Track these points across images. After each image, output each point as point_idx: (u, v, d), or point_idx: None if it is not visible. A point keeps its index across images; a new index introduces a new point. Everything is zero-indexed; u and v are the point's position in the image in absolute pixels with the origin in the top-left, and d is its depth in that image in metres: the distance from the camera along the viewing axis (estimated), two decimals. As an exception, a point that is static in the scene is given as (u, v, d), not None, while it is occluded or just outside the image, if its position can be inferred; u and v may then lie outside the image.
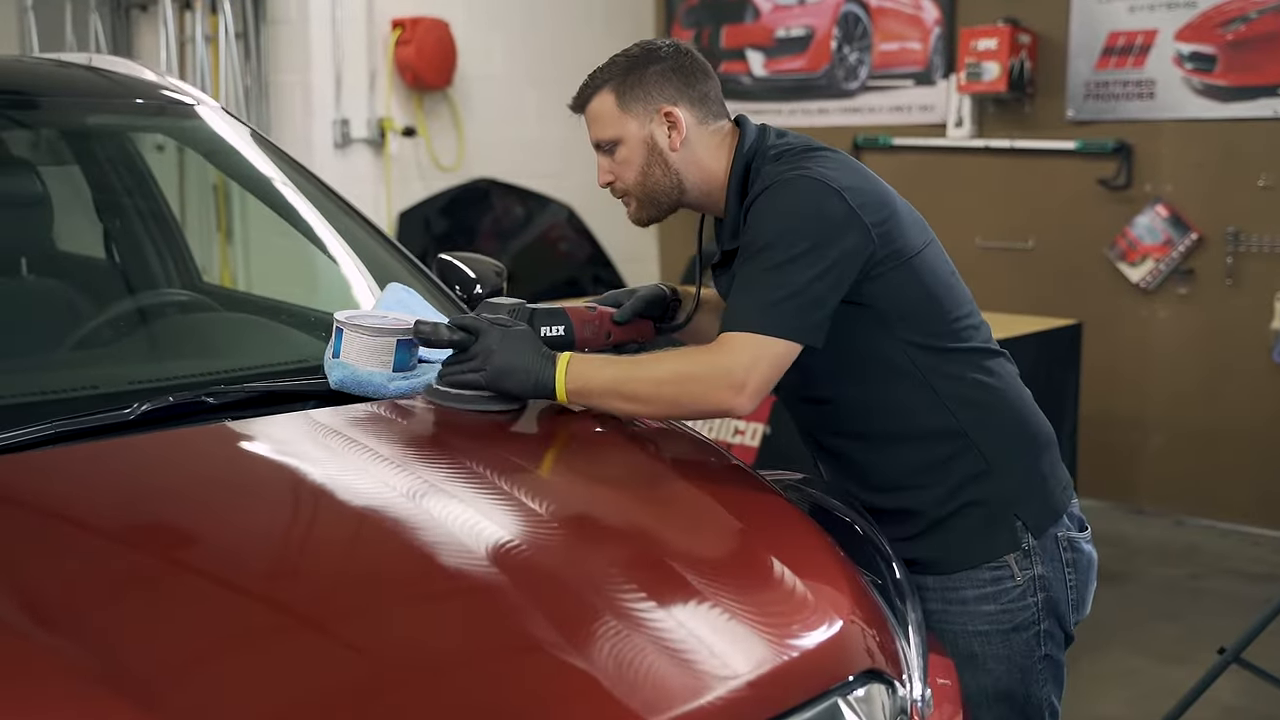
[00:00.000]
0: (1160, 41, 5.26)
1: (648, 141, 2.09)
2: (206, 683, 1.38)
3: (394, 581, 1.58)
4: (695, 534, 1.84)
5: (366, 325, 2.13)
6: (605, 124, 2.11)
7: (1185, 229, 5.31)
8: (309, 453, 1.89)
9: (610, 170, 2.13)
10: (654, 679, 1.52)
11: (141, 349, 2.39)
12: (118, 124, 2.82)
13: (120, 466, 1.76)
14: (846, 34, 6.11)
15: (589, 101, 2.13)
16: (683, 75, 2.10)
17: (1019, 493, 2.07)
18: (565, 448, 2.06)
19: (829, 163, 2.01)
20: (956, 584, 2.07)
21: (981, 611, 2.06)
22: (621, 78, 2.10)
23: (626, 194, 2.15)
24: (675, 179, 2.11)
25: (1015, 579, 2.05)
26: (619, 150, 2.10)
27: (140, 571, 1.52)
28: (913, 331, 2.02)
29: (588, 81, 2.14)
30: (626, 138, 2.09)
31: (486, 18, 5.99)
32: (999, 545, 2.05)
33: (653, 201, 2.14)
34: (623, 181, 2.13)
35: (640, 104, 2.09)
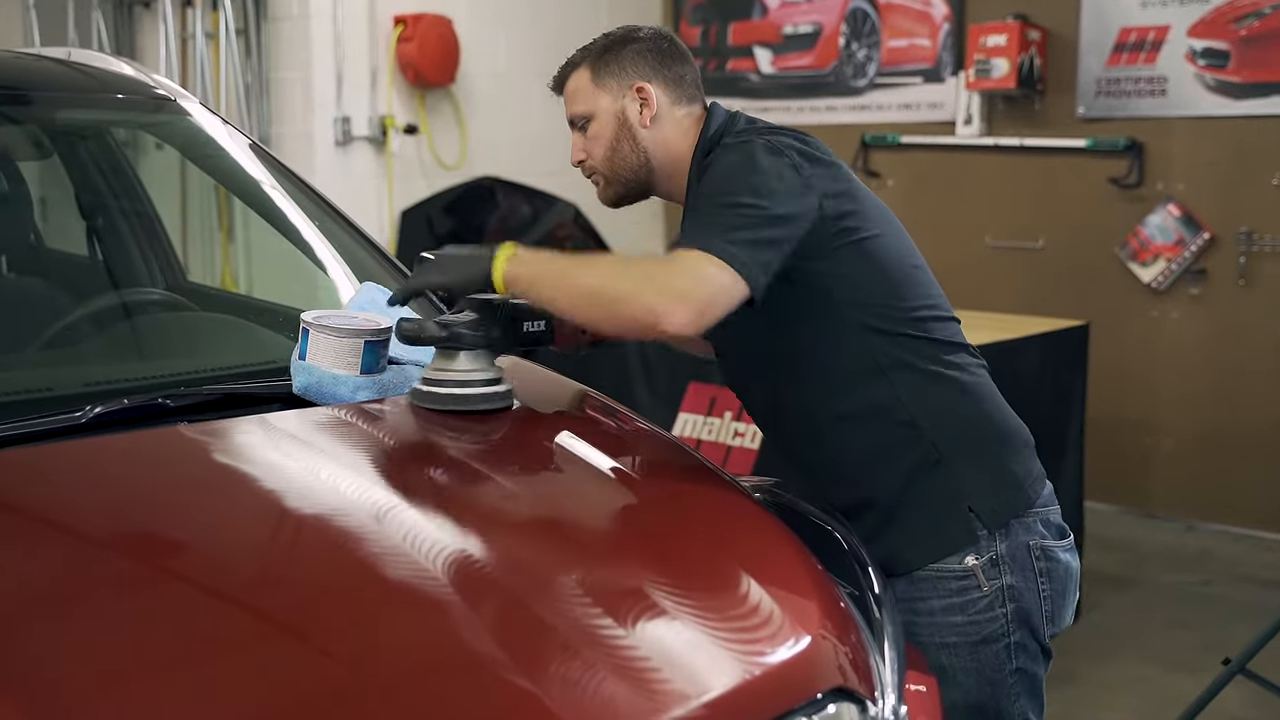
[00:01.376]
0: (1172, 37, 5.17)
1: (619, 116, 2.10)
2: (129, 696, 1.33)
3: (334, 595, 1.52)
4: (659, 544, 1.77)
5: (333, 326, 2.07)
6: (579, 99, 2.13)
7: (1197, 228, 5.22)
8: (260, 458, 1.84)
9: (583, 148, 2.14)
10: (610, 698, 1.46)
11: (109, 349, 2.34)
12: (94, 119, 2.77)
13: (64, 471, 1.71)
14: (854, 31, 6.04)
15: (566, 80, 2.16)
16: (659, 55, 2.12)
17: (972, 485, 2.00)
18: (529, 454, 1.99)
19: (789, 135, 2.01)
20: (923, 593, 2.02)
21: (949, 623, 2.01)
22: (598, 55, 2.13)
23: (595, 171, 2.15)
24: (643, 157, 2.11)
25: (982, 589, 1.99)
26: (591, 125, 2.12)
27: (62, 578, 1.47)
28: (864, 314, 1.98)
29: (566, 62, 2.17)
30: (598, 112, 2.11)
31: (489, 14, 5.94)
32: (952, 539, 2.00)
33: (620, 179, 2.13)
34: (592, 158, 2.13)
35: (614, 79, 2.11)
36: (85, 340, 2.32)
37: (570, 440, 2.06)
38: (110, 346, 2.34)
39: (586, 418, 2.25)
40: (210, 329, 2.52)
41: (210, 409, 1.94)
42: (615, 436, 2.17)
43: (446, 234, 5.82)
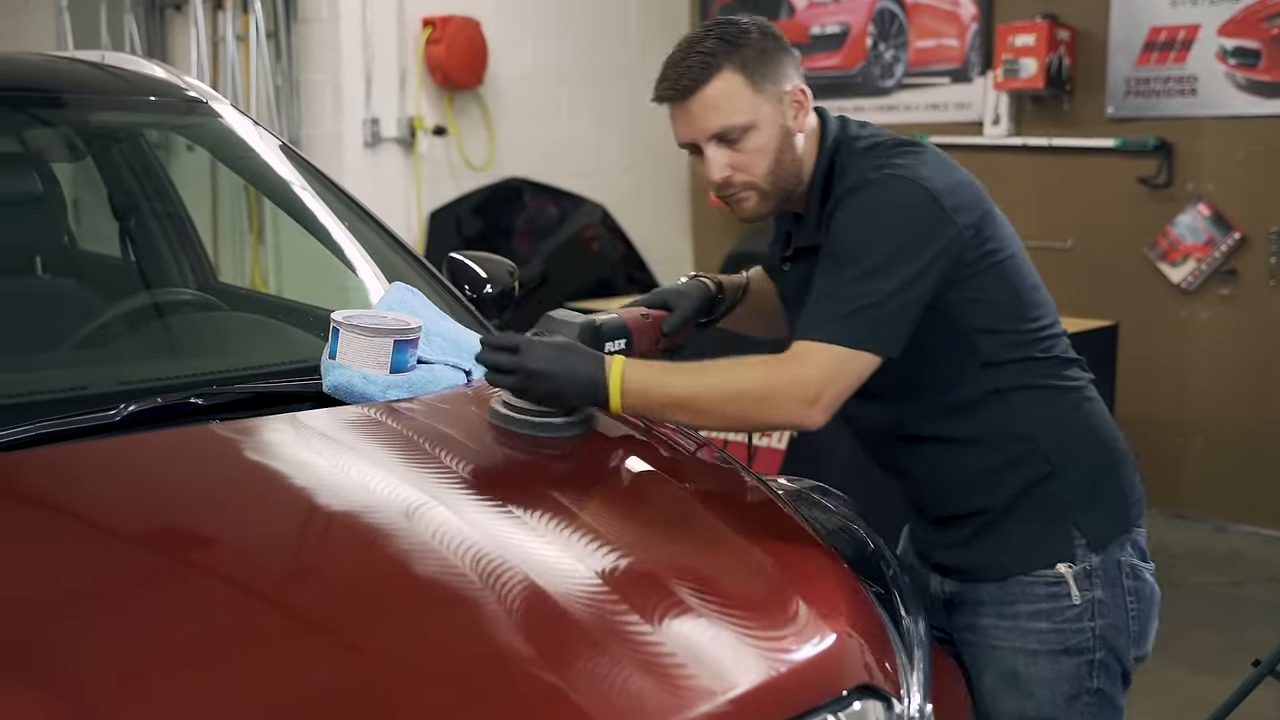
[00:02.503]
0: (1203, 36, 5.14)
1: (781, 124, 1.89)
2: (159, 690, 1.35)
3: (364, 592, 1.54)
4: (686, 544, 1.78)
5: (363, 326, 2.09)
6: (735, 108, 1.87)
7: (1228, 228, 5.19)
8: (291, 456, 1.86)
9: (731, 164, 1.90)
10: (637, 694, 1.47)
11: (141, 348, 2.36)
12: (126, 121, 2.80)
13: (98, 469, 1.73)
14: (882, 31, 6.03)
15: (706, 84, 1.87)
16: (791, 52, 1.94)
17: (1079, 500, 1.95)
18: (554, 452, 2.00)
19: (921, 160, 1.87)
20: (1012, 596, 1.95)
21: (1033, 628, 1.94)
22: (743, 54, 1.87)
23: (749, 188, 1.92)
24: (799, 166, 1.93)
25: (1073, 599, 1.93)
26: (750, 138, 1.88)
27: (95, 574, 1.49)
28: (993, 337, 1.91)
29: (689, 60, 1.88)
30: (761, 122, 1.87)
31: (518, 16, 5.95)
32: (1052, 551, 1.94)
33: (779, 193, 1.94)
34: (748, 174, 1.91)
35: (772, 83, 1.88)
36: (118, 340, 2.35)
37: (601, 441, 2.07)
38: (143, 346, 2.37)
39: (614, 416, 2.26)
40: (241, 329, 2.54)
41: (242, 408, 1.96)
42: (640, 435, 2.18)
43: (475, 235, 5.84)
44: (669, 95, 1.90)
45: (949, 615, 2.05)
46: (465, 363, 2.24)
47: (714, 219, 6.69)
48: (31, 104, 2.59)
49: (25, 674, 1.34)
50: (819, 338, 1.80)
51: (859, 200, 1.85)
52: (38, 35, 6.30)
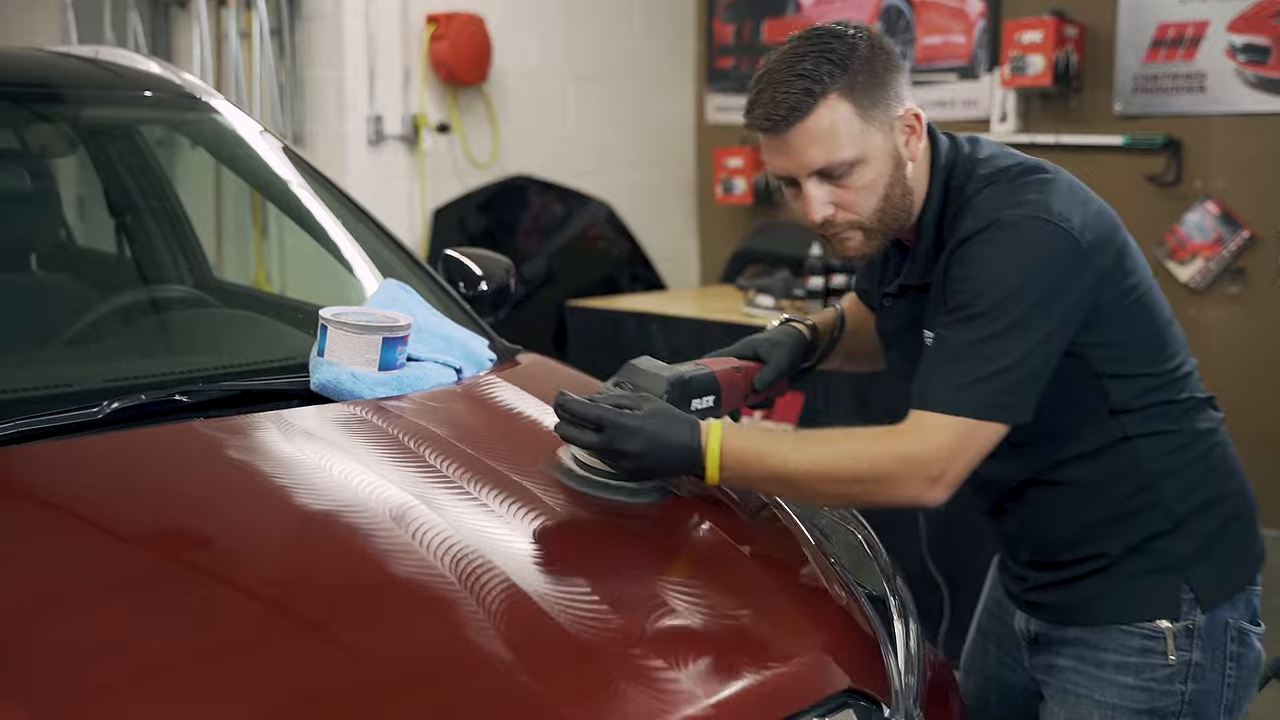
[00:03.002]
0: (1211, 33, 5.09)
1: (892, 155, 1.69)
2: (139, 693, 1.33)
3: (344, 592, 1.51)
4: (671, 545, 1.76)
5: (351, 323, 2.07)
6: (841, 141, 1.65)
7: (1237, 227, 5.15)
8: (274, 454, 1.83)
9: (834, 201, 1.70)
10: (619, 698, 1.45)
11: (130, 345, 2.35)
12: (119, 116, 2.78)
13: (77, 466, 1.71)
14: (888, 27, 5.99)
15: (806, 114, 1.64)
16: (901, 67, 1.71)
17: (1196, 556, 1.78)
18: (542, 447, 1.97)
19: (1053, 191, 1.67)
20: (1100, 642, 1.79)
21: (1116, 681, 1.78)
22: (852, 78, 1.65)
23: (854, 227, 1.72)
24: (909, 200, 1.73)
25: (1168, 657, 1.75)
26: (857, 173, 1.67)
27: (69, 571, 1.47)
28: (1125, 382, 1.74)
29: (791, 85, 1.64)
30: (870, 155, 1.67)
31: (522, 13, 5.93)
32: (1157, 604, 1.77)
33: (888, 231, 1.74)
34: (854, 212, 1.70)
35: (882, 109, 1.67)
36: (107, 336, 2.34)
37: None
38: (131, 342, 2.35)
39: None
40: (231, 325, 2.53)
41: (229, 405, 1.94)
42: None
43: (479, 233, 5.82)
44: (764, 126, 1.68)
45: (1031, 654, 1.92)
46: (456, 360, 2.22)
47: (720, 217, 6.66)
48: (23, 99, 2.57)
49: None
50: (944, 408, 1.62)
51: (990, 245, 1.64)
52: (42, 33, 6.30)
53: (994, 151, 1.77)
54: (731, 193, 6.37)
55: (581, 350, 5.30)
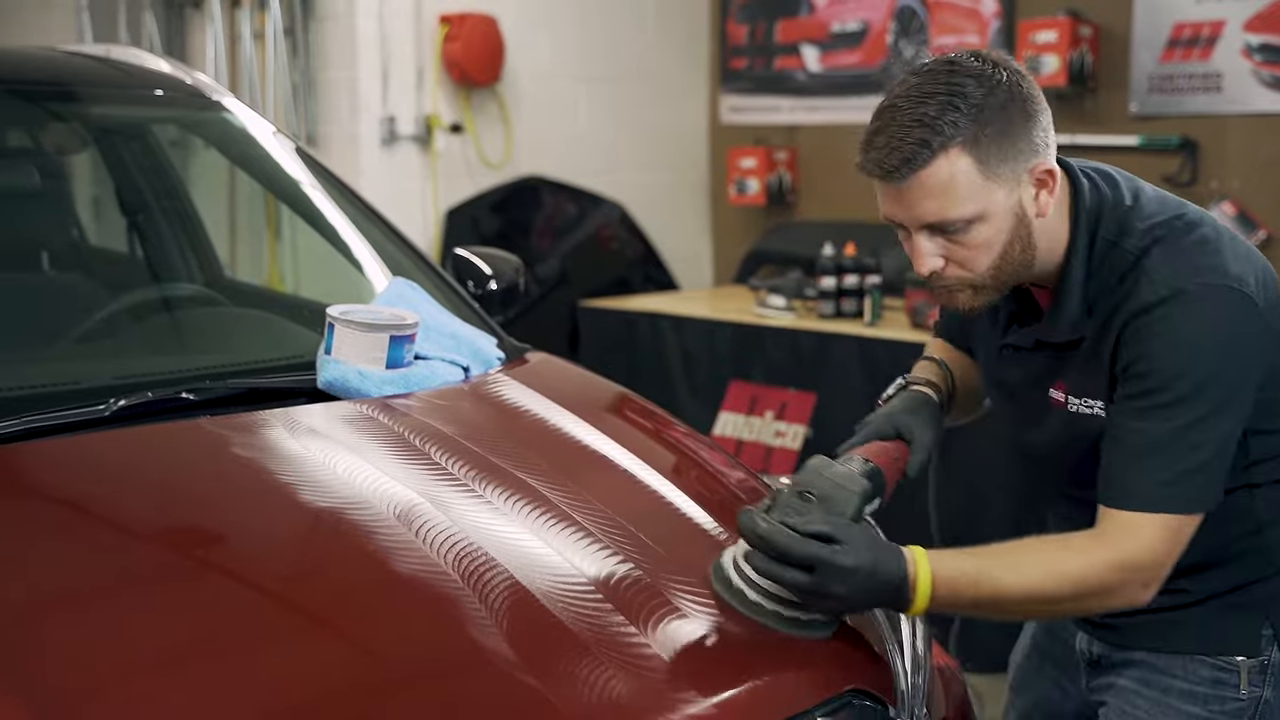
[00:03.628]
0: (1228, 33, 5.06)
1: (1016, 212, 1.55)
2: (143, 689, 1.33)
3: (346, 589, 1.51)
4: (678, 544, 1.75)
5: (358, 321, 2.07)
6: (959, 197, 1.52)
7: (1253, 227, 5.12)
8: (280, 451, 1.83)
9: (945, 255, 1.57)
10: (622, 697, 1.44)
11: (139, 343, 2.35)
12: (128, 114, 2.79)
13: (83, 463, 1.72)
14: (903, 27, 5.97)
15: (922, 165, 1.51)
16: (1040, 111, 1.56)
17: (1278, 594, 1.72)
18: (556, 451, 1.98)
19: (1224, 250, 1.57)
20: (1169, 668, 1.72)
21: (1181, 710, 1.71)
22: (978, 129, 1.51)
23: (965, 284, 1.60)
24: (1030, 256, 1.59)
25: (1239, 691, 1.69)
26: (974, 231, 1.54)
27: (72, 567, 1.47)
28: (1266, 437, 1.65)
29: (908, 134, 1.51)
30: (991, 212, 1.53)
31: (535, 14, 5.93)
32: (1235, 641, 1.70)
33: (1002, 286, 1.62)
34: (966, 269, 1.58)
35: (1009, 165, 1.53)
36: (116, 334, 2.34)
37: (597, 438, 2.04)
38: (140, 340, 2.36)
39: (617, 416, 2.23)
40: (240, 324, 2.53)
41: (237, 403, 1.94)
42: (644, 436, 2.15)
43: (492, 233, 5.82)
44: (875, 173, 1.55)
45: (1090, 677, 1.85)
46: (464, 359, 2.22)
47: (733, 218, 6.65)
48: (35, 97, 2.58)
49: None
50: (1153, 507, 1.54)
51: (1178, 321, 1.54)
52: (57, 33, 6.33)
53: (1141, 195, 1.65)
54: (745, 193, 6.36)
55: (594, 350, 5.30)
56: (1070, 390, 1.66)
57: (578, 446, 2.00)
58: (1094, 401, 1.64)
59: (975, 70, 1.54)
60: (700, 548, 1.75)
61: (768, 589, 1.55)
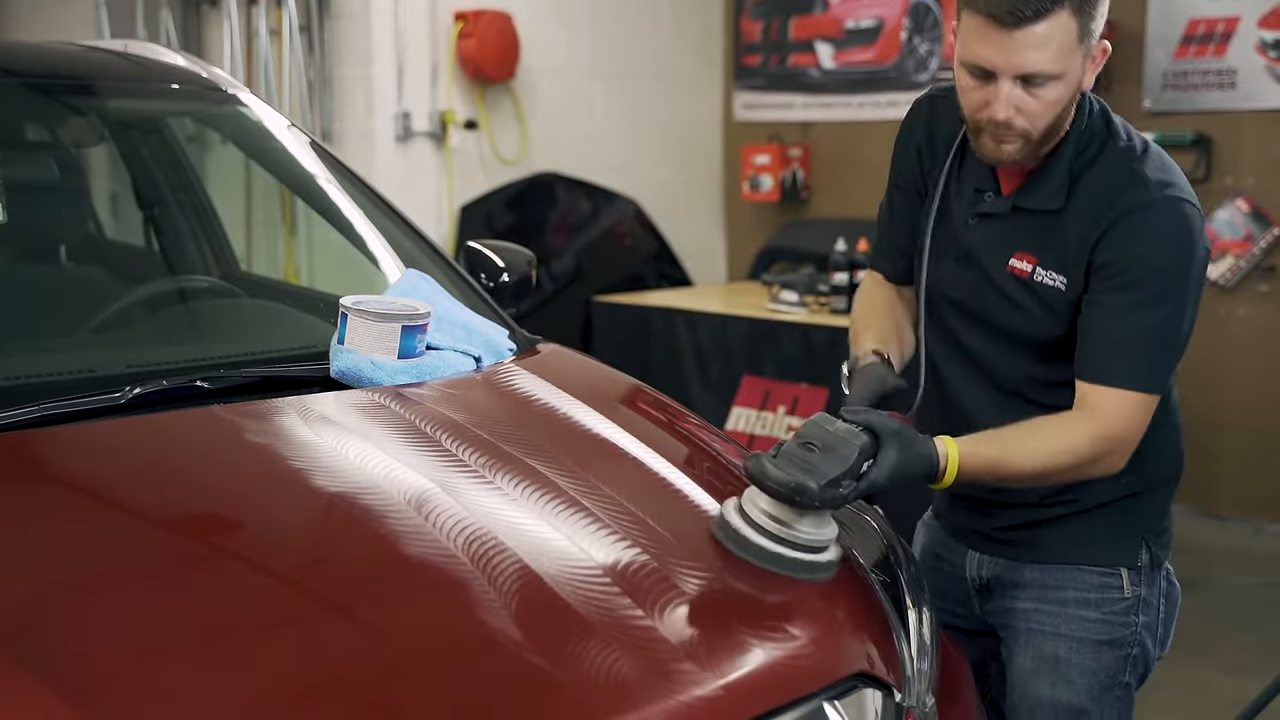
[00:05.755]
0: (1242, 29, 5.06)
1: (1079, 78, 1.74)
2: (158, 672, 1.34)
3: (357, 574, 1.53)
4: (687, 529, 1.76)
5: (371, 311, 2.09)
6: (1055, 55, 1.68)
7: (1267, 224, 5.11)
8: (292, 439, 1.85)
9: (1019, 105, 1.72)
10: (630, 679, 1.45)
11: (154, 333, 2.37)
12: (145, 108, 2.81)
13: (95, 450, 1.74)
14: (917, 24, 5.98)
15: (1041, 17, 1.66)
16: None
17: (1154, 520, 1.96)
18: (568, 439, 1.99)
19: (1184, 178, 1.81)
20: (1059, 581, 1.94)
21: (1078, 616, 1.93)
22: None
23: (1022, 134, 1.75)
24: (1066, 119, 1.78)
25: (1124, 592, 1.92)
26: (1051, 87, 1.70)
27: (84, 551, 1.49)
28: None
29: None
30: (1069, 74, 1.71)
31: (549, 10, 5.95)
32: (1115, 557, 1.93)
33: (1041, 145, 1.79)
34: (1031, 122, 1.74)
35: (1091, 37, 1.71)
36: (132, 324, 2.36)
37: (608, 427, 2.05)
38: (155, 331, 2.38)
39: (627, 406, 2.24)
40: (254, 315, 2.54)
41: (250, 392, 1.96)
42: (654, 426, 2.16)
43: (506, 229, 5.84)
44: (1000, 15, 1.68)
45: (982, 601, 2.04)
46: (475, 349, 2.23)
47: (747, 215, 6.66)
48: (52, 91, 2.60)
49: (20, 653, 1.33)
50: (1133, 385, 1.74)
51: (1158, 225, 1.75)
52: (78, 29, 6.37)
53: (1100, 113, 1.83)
54: (758, 190, 6.37)
55: (608, 346, 5.32)
56: (1039, 262, 1.82)
57: (588, 435, 2.01)
58: (1059, 276, 1.81)
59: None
60: (708, 535, 1.76)
61: (774, 532, 1.64)
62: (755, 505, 1.67)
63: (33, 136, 2.81)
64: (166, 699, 1.32)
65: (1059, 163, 1.80)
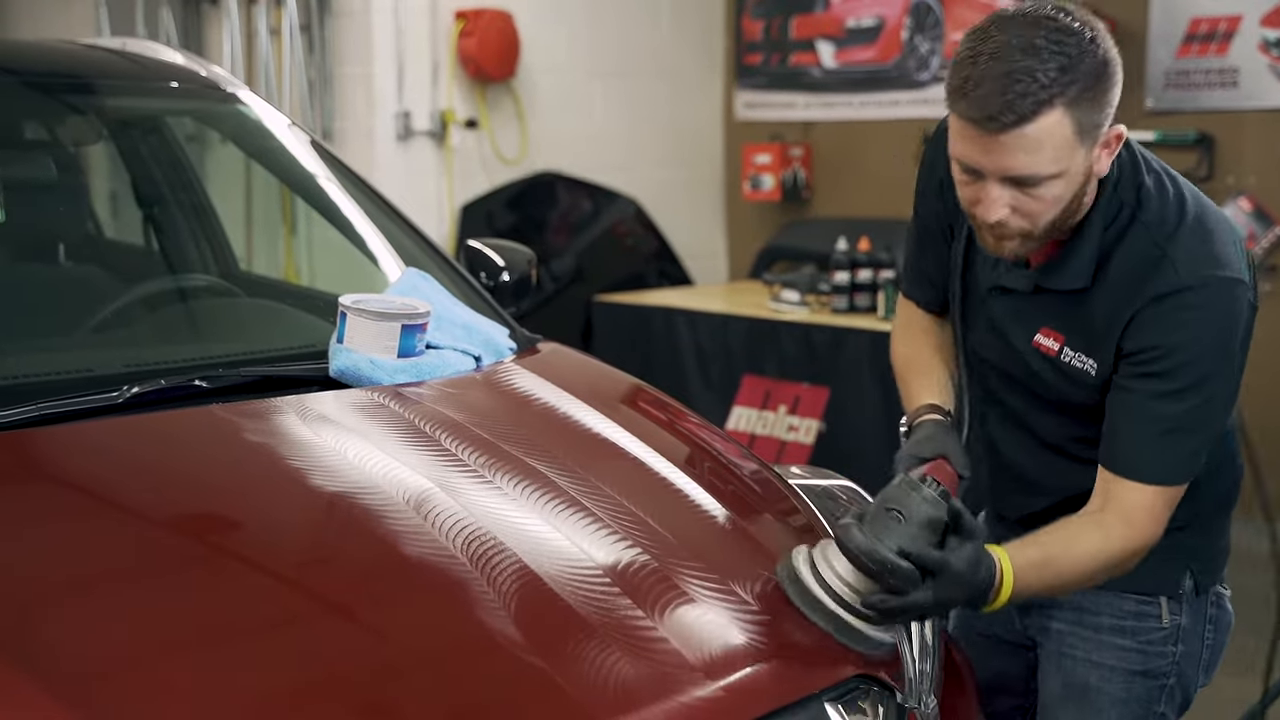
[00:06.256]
0: (1245, 28, 5.05)
1: (1084, 171, 1.58)
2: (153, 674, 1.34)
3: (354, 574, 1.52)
4: (689, 530, 1.76)
5: (370, 310, 2.08)
6: (1048, 155, 1.53)
7: (1269, 223, 5.10)
8: (290, 438, 1.84)
9: (1014, 206, 1.58)
10: (629, 679, 1.45)
11: (153, 332, 2.37)
12: (143, 106, 2.80)
13: (92, 449, 1.73)
14: (918, 24, 5.97)
15: (1028, 121, 1.51)
16: (1119, 71, 1.57)
17: (1202, 547, 1.86)
18: (567, 438, 1.98)
19: (1222, 235, 1.65)
20: (1095, 606, 1.85)
21: (1112, 644, 1.85)
22: (1079, 92, 1.52)
23: (1022, 234, 1.62)
24: (1078, 209, 1.64)
25: (1161, 621, 1.84)
26: (1049, 186, 1.56)
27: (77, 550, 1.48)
28: None
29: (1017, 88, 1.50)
30: (1071, 171, 1.56)
31: (550, 9, 5.94)
32: (1156, 585, 1.83)
33: (1046, 239, 1.66)
34: (1029, 221, 1.60)
35: (1095, 130, 1.55)
36: (130, 324, 2.35)
37: (608, 426, 2.05)
38: (154, 330, 2.37)
39: (628, 405, 2.23)
40: (253, 314, 2.54)
41: (248, 391, 1.95)
42: (654, 425, 2.16)
43: (507, 229, 5.83)
44: (979, 122, 1.53)
45: (1021, 615, 1.96)
46: (475, 349, 2.23)
47: (748, 214, 6.65)
48: (50, 89, 2.59)
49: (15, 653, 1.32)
50: (1165, 480, 1.65)
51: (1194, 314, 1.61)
52: (78, 28, 6.36)
53: (1145, 164, 1.69)
54: (759, 189, 6.36)
55: (608, 346, 5.31)
56: (1066, 342, 1.72)
57: (588, 434, 2.01)
58: (1089, 360, 1.70)
59: (1073, 28, 1.53)
60: (709, 535, 1.75)
61: (839, 592, 1.57)
62: (830, 566, 1.58)
63: (31, 135, 2.80)
64: (163, 699, 1.31)
65: (1085, 241, 1.66)
